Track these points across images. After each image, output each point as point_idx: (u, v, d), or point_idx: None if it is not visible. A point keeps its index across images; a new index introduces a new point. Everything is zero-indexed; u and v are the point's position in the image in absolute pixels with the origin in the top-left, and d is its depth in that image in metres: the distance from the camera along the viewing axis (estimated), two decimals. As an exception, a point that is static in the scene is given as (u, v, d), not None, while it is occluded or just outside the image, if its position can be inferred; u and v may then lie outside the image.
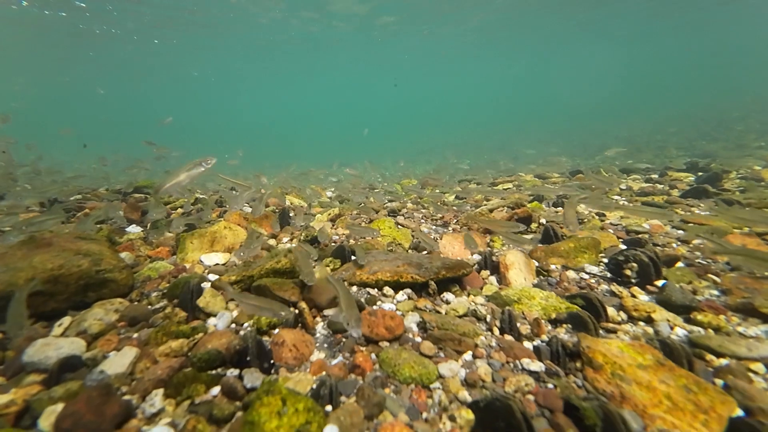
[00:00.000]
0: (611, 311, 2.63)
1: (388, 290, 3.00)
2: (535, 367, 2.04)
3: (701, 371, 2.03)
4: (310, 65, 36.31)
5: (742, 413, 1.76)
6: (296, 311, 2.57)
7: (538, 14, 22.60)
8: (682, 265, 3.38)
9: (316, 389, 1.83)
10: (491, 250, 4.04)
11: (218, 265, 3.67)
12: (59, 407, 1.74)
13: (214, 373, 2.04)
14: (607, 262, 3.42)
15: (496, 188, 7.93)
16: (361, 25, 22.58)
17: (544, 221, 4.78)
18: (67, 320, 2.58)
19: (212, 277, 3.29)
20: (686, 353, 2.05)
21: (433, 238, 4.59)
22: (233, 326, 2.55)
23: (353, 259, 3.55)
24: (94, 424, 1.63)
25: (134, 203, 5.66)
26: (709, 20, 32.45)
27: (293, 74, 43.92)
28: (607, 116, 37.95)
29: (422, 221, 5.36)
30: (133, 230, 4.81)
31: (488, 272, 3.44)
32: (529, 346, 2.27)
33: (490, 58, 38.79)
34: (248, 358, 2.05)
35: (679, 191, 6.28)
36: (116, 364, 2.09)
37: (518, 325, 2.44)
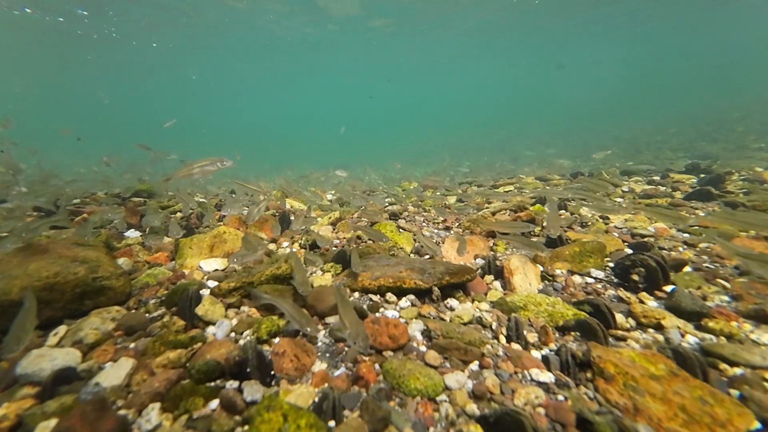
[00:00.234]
0: (619, 318, 2.57)
1: (390, 296, 2.94)
2: (544, 377, 1.98)
3: (716, 381, 1.97)
4: (308, 67, 36.30)
5: (759, 426, 1.69)
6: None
7: (538, 14, 22.58)
8: (689, 269, 3.32)
9: (318, 403, 1.77)
10: (494, 254, 3.98)
11: (217, 270, 3.61)
12: (53, 423, 1.68)
13: (212, 385, 1.97)
14: (613, 266, 3.35)
15: (497, 191, 7.87)
16: (357, 27, 22.59)
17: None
18: (62, 329, 2.52)
19: (211, 283, 3.22)
20: (700, 362, 1.99)
21: (435, 242, 4.53)
22: (233, 335, 2.49)
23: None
24: (88, 441, 1.57)
25: (133, 207, 5.61)
26: (709, 20, 32.44)
27: (291, 76, 43.86)
28: (607, 116, 37.94)
29: (424, 225, 5.30)
30: (131, 235, 4.75)
31: (492, 277, 3.38)
32: (537, 355, 2.20)
33: (489, 58, 38.76)
34: (248, 369, 1.99)
35: (682, 193, 6.23)
36: (112, 376, 2.03)
37: (525, 332, 2.37)
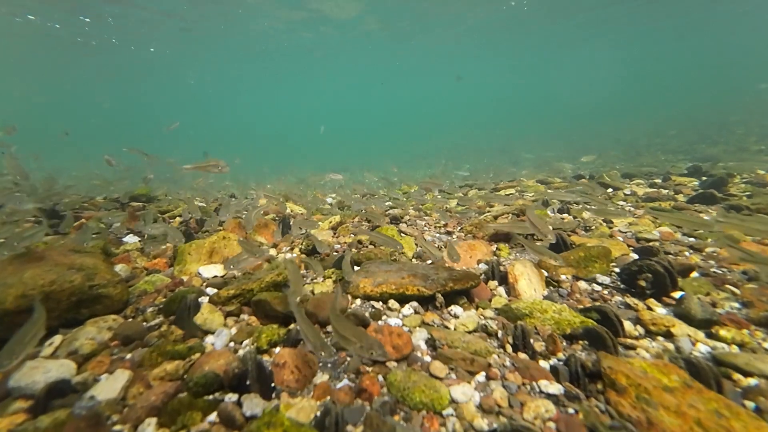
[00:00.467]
0: (628, 325, 2.51)
1: (393, 303, 2.88)
2: (553, 389, 1.92)
3: (730, 393, 1.91)
4: (306, 69, 36.41)
5: (777, 440, 1.63)
6: (298, 327, 2.45)
7: (537, 15, 22.60)
8: (697, 274, 3.27)
9: (320, 418, 1.71)
10: (498, 258, 3.92)
11: (216, 277, 3.54)
12: (45, 440, 1.62)
13: (211, 398, 1.91)
14: (619, 271, 3.30)
15: (498, 194, 7.82)
16: (353, 30, 22.66)
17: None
18: (58, 339, 2.46)
19: (210, 290, 3.17)
20: (714, 373, 1.93)
21: (437, 246, 4.48)
22: (232, 345, 2.43)
23: (356, 269, 3.44)
24: (81, 460, 1.51)
25: (132, 212, 5.55)
26: (709, 20, 32.47)
27: (289, 77, 44.04)
28: (607, 117, 37.96)
29: (425, 229, 5.25)
30: (130, 240, 4.69)
31: (496, 282, 3.31)
32: (545, 365, 2.14)
33: (489, 58, 38.80)
34: (248, 382, 1.93)
35: (684, 196, 6.18)
36: (107, 388, 1.97)
37: (532, 341, 2.31)
